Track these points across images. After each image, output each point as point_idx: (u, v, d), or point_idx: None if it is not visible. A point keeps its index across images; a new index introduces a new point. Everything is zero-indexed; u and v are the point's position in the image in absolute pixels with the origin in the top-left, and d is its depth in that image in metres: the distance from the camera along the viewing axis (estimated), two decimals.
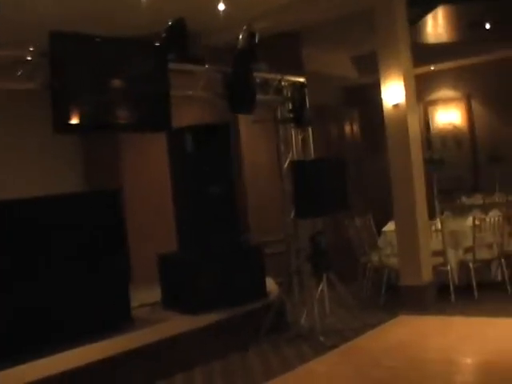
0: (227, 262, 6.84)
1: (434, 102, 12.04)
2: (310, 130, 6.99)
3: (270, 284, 7.23)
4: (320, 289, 6.88)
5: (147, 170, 8.80)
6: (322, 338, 6.32)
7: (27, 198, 5.81)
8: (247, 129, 8.86)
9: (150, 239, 8.52)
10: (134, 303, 6.92)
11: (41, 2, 6.14)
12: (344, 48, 10.71)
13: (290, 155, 6.95)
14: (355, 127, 11.12)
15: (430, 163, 8.19)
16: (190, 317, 6.48)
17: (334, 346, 6.16)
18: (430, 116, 12.00)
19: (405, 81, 7.22)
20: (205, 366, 5.93)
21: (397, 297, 7.55)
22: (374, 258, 8.11)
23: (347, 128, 11.00)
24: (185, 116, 7.70)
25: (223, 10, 6.90)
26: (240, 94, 5.88)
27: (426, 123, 11.82)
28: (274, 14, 8.15)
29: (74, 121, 4.56)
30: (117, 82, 4.83)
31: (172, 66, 5.51)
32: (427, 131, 11.72)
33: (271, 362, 5.96)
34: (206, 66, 5.89)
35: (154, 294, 7.15)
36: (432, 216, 8.12)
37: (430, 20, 9.97)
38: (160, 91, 5.20)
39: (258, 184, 8.96)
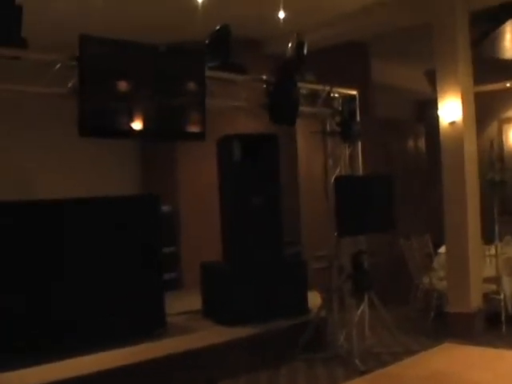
0: (267, 275, 6.76)
1: (510, 120, 11.52)
2: (359, 144, 6.78)
3: (317, 299, 7.09)
4: (361, 309, 6.66)
5: (202, 178, 8.81)
6: (357, 361, 6.10)
7: (75, 198, 5.97)
8: (305, 140, 8.75)
9: (203, 246, 8.52)
10: (178, 310, 7.01)
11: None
12: (418, 61, 10.43)
13: (338, 170, 6.78)
14: (420, 143, 10.78)
15: (491, 184, 7.79)
16: (225, 328, 6.44)
17: (369, 371, 5.94)
18: (504, 134, 11.49)
19: (463, 98, 6.90)
20: (229, 380, 5.82)
21: (445, 323, 7.21)
22: (426, 280, 7.80)
23: (411, 143, 10.68)
24: (238, 124, 7.70)
25: (283, 18, 6.83)
26: (281, 104, 5.76)
27: (500, 141, 11.32)
28: (337, 23, 8.06)
29: (101, 125, 4.58)
30: (148, 89, 4.82)
31: (211, 73, 5.46)
32: (500, 150, 11.21)
33: (299, 381, 5.81)
34: (247, 76, 5.80)
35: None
36: (491, 240, 7.74)
37: (507, 34, 9.54)
38: (195, 100, 5.15)
39: (313, 196, 8.81)
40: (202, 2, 5.89)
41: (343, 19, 7.95)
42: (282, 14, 6.70)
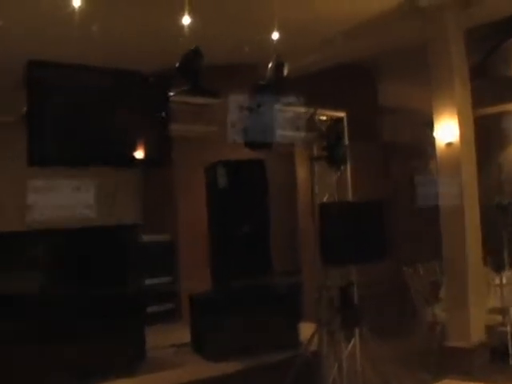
0: (256, 305, 6.45)
1: None
2: (348, 168, 6.46)
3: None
4: (351, 344, 6.28)
5: (201, 206, 8.62)
6: None
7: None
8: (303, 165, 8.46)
9: (203, 276, 8.29)
10: (167, 343, 6.77)
11: None
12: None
13: (327, 196, 6.46)
14: (432, 164, 10.36)
15: (498, 208, 7.38)
16: (209, 363, 6.15)
17: None
18: None
19: (459, 119, 6.55)
20: None
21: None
22: (429, 311, 7.38)
23: (421, 165, 10.28)
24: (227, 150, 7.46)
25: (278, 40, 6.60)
26: (255, 129, 5.50)
27: None
28: (336, 43, 7.82)
29: (51, 154, 4.38)
30: (104, 116, 4.61)
31: (180, 98, 5.25)
32: None
33: None
34: (219, 99, 5.56)
35: None
36: (500, 268, 7.29)
37: None
38: (157, 125, 4.92)
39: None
40: (191, 26, 5.72)
41: (343, 39, 7.69)
42: (275, 35, 6.50)
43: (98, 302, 5.76)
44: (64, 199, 8.14)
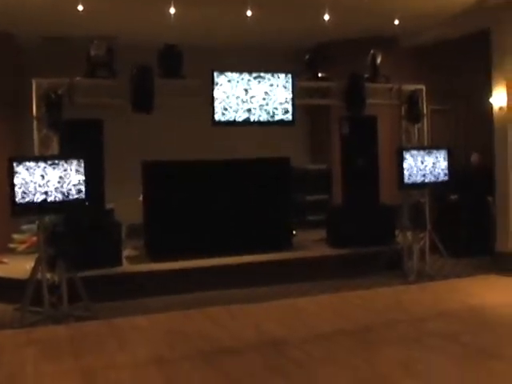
0: (366, 213, 9.84)
1: None
2: (424, 123, 9.47)
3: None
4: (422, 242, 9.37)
5: None
6: (411, 276, 8.92)
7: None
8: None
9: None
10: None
11: None
12: None
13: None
14: None
15: None
16: (332, 249, 9.89)
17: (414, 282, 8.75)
18: None
19: (508, 90, 9.15)
20: (328, 281, 8.81)
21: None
22: None
23: None
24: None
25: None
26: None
27: None
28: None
29: None
30: None
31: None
32: None
33: (370, 285, 8.77)
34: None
35: None
36: None
37: None
38: None
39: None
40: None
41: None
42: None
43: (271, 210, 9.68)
44: None
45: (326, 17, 8.76)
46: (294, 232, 10.37)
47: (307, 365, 5.56)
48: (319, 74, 9.04)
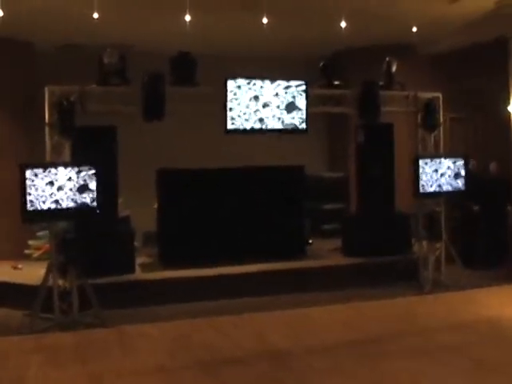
0: (381, 222, 9.73)
1: None
2: (440, 131, 9.34)
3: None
4: (438, 251, 9.24)
5: None
6: (426, 286, 8.79)
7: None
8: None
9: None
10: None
11: None
12: None
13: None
14: None
15: None
16: (346, 258, 9.77)
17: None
18: None
19: None
20: (338, 292, 8.69)
21: None
22: None
23: None
24: None
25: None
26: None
27: None
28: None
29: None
30: None
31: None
32: None
33: (384, 293, 8.66)
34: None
35: None
36: None
37: None
38: None
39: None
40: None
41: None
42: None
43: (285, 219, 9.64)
44: None
45: (343, 24, 8.69)
46: (311, 241, 10.34)
47: (309, 376, 5.48)
48: (334, 82, 8.95)
